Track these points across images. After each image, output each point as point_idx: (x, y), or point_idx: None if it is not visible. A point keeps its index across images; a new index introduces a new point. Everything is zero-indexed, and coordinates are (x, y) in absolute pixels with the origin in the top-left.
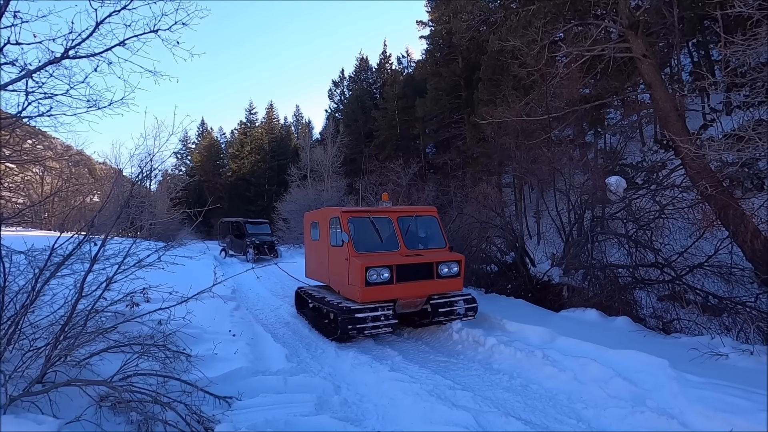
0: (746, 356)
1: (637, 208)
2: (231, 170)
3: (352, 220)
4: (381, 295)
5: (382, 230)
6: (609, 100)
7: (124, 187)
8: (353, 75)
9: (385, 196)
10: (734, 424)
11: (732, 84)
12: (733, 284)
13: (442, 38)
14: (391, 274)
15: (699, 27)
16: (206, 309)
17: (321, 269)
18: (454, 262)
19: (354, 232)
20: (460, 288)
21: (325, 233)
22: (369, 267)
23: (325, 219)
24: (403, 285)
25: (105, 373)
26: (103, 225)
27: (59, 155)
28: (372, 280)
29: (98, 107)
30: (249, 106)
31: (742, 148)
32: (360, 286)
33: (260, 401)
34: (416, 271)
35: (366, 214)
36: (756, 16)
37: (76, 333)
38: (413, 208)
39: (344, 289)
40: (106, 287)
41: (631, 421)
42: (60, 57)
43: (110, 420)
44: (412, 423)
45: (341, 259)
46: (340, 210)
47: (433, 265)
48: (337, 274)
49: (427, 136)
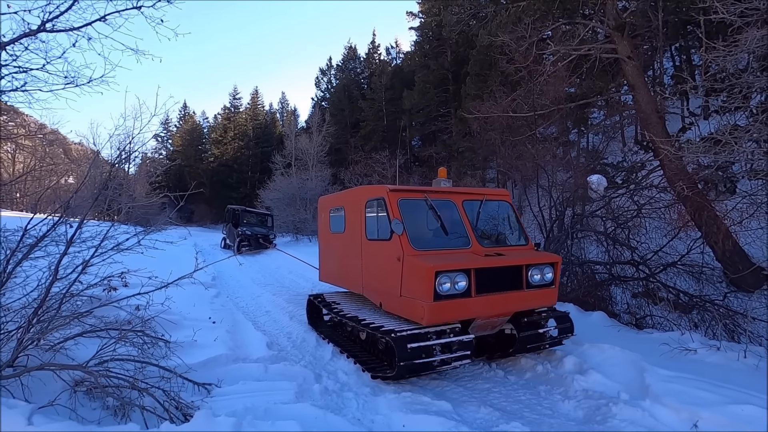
0: (713, 352)
1: (616, 207)
2: (213, 156)
3: (403, 203)
4: (455, 314)
5: (444, 219)
6: (593, 100)
7: (102, 169)
8: (341, 64)
9: (443, 171)
10: (701, 417)
11: (711, 89)
12: (704, 283)
13: (432, 30)
14: (469, 283)
15: (682, 32)
16: (186, 295)
17: (347, 272)
18: (548, 266)
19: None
20: (553, 302)
21: (356, 222)
22: (441, 272)
23: (357, 202)
24: (483, 298)
25: (80, 357)
26: (79, 207)
27: (32, 133)
28: (444, 291)
29: (76, 84)
30: (233, 91)
31: (719, 151)
32: (425, 300)
33: (240, 388)
34: (501, 279)
35: (422, 194)
36: (737, 23)
37: (49, 317)
38: (481, 189)
39: (391, 302)
40: (82, 270)
41: (605, 412)
42: (36, 30)
43: (85, 405)
44: (391, 410)
45: (387, 259)
46: (386, 188)
47: (523, 270)
48: (379, 279)
49: (413, 129)
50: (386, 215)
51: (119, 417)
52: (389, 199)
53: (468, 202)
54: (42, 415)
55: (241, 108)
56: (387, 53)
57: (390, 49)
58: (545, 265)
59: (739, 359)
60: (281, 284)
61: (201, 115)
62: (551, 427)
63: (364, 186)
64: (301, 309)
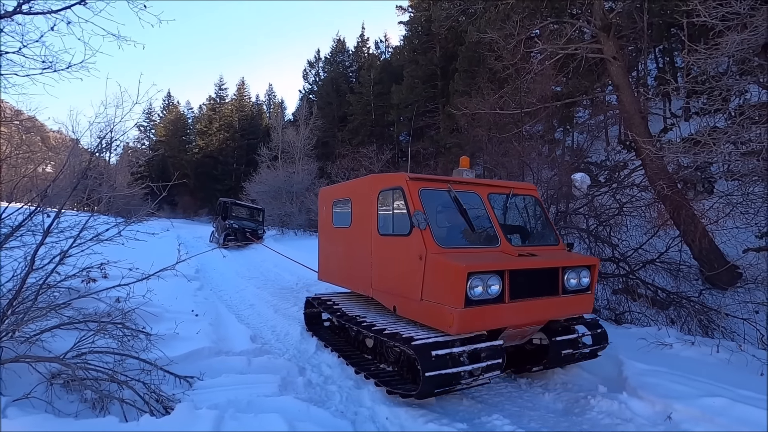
0: (688, 346)
1: (599, 205)
2: (198, 147)
3: (424, 194)
4: (486, 322)
5: (469, 213)
6: (579, 99)
7: (81, 158)
8: (329, 57)
9: (465, 160)
10: (674, 409)
11: (692, 91)
12: (681, 280)
13: (421, 25)
14: (502, 287)
15: (666, 34)
16: (168, 288)
17: (352, 271)
18: (584, 269)
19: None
20: (589, 309)
21: (365, 215)
22: (473, 273)
23: (368, 192)
24: (517, 305)
25: (57, 350)
26: (57, 196)
27: (8, 119)
28: (475, 295)
29: (54, 69)
30: (219, 81)
31: (697, 152)
32: (454, 305)
33: (223, 381)
34: (536, 282)
35: (445, 185)
36: (719, 26)
37: (25, 308)
38: (506, 182)
39: (408, 306)
40: (60, 261)
41: (583, 404)
42: (12, 11)
43: (62, 398)
44: (374, 403)
45: (405, 257)
46: (405, 176)
47: (559, 272)
48: (393, 280)
49: (401, 124)
50: (405, 207)
51: (97, 410)
52: (409, 189)
53: (493, 194)
54: (16, 408)
55: (227, 99)
56: (376, 47)
57: (379, 43)
58: (582, 267)
59: (712, 354)
60: (266, 278)
61: (186, 105)
62: (531, 419)
63: (376, 174)
64: (285, 302)
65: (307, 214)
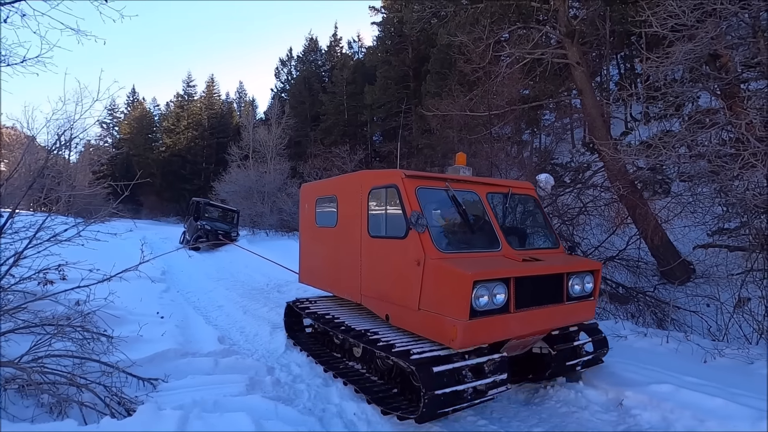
0: (641, 338)
1: (563, 205)
2: (165, 145)
3: (421, 193)
4: (491, 335)
5: (467, 213)
6: (545, 102)
7: (37, 155)
8: (301, 55)
9: (462, 157)
10: (626, 395)
11: (649, 96)
12: (639, 276)
13: (394, 27)
14: (508, 295)
15: (626, 42)
16: (132, 290)
17: (338, 275)
18: (588, 274)
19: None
20: (591, 316)
21: (353, 214)
22: (479, 281)
23: (357, 190)
24: (522, 314)
25: (12, 354)
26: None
27: None
28: (480, 305)
29: (8, 63)
30: (187, 77)
31: (650, 154)
32: (458, 317)
33: (189, 383)
34: (541, 290)
35: (442, 183)
36: (669, 37)
37: None
38: (503, 181)
39: (404, 315)
40: (14, 263)
41: (543, 394)
42: None
43: (17, 403)
44: (342, 400)
45: (400, 262)
46: (400, 173)
47: (564, 278)
48: (386, 287)
49: (374, 124)
50: (400, 207)
51: (55, 414)
52: (405, 187)
53: (492, 194)
54: None
55: (196, 96)
56: (349, 47)
57: (352, 43)
58: (586, 272)
59: (662, 344)
60: (236, 279)
61: (152, 101)
62: (494, 409)
63: (366, 171)
64: (255, 303)
65: (279, 214)
